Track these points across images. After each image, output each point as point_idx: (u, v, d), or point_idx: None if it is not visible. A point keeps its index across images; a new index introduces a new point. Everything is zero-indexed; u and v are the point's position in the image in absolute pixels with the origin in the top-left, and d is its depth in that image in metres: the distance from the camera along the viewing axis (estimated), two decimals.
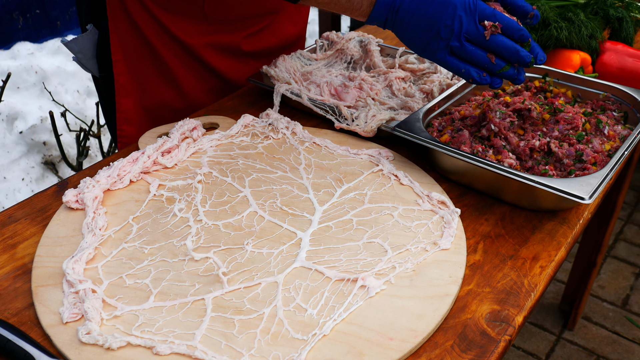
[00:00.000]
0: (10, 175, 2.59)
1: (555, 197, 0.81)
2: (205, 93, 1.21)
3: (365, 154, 0.96)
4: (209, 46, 1.16)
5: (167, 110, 1.19)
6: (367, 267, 0.74)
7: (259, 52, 1.25)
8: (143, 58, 1.14)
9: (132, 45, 1.13)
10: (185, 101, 1.20)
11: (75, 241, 0.78)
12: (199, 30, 1.13)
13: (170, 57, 1.15)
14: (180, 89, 1.18)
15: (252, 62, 1.25)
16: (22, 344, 0.62)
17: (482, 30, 0.84)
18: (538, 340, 2.10)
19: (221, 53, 1.19)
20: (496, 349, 0.66)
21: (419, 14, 0.86)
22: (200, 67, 1.18)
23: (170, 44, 1.14)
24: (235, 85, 1.23)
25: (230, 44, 1.19)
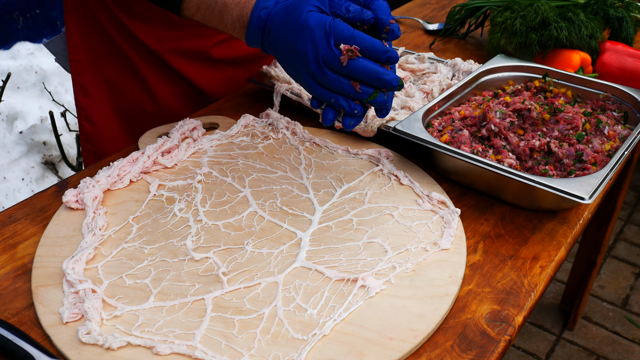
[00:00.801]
0: (10, 175, 2.59)
1: (555, 197, 0.81)
2: (177, 98, 1.17)
3: (365, 154, 0.96)
4: (176, 52, 1.12)
5: (140, 113, 1.17)
6: (367, 267, 0.74)
7: (231, 59, 1.20)
8: (112, 60, 1.12)
9: (100, 47, 1.11)
10: (157, 105, 1.17)
11: (75, 241, 0.78)
12: (166, 36, 1.10)
13: (139, 61, 1.12)
14: (152, 93, 1.15)
15: (226, 68, 1.20)
16: (22, 344, 0.62)
17: (339, 55, 0.73)
18: (538, 340, 2.10)
19: (189, 59, 1.14)
20: (496, 349, 0.66)
21: (285, 38, 0.77)
22: (170, 73, 1.15)
23: (138, 48, 1.11)
24: (208, 92, 1.19)
25: (199, 50, 1.14)
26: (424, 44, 1.43)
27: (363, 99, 0.76)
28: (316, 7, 0.76)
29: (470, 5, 1.41)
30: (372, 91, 0.75)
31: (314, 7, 0.76)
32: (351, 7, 0.77)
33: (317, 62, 0.74)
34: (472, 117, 0.96)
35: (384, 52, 0.74)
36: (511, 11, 1.26)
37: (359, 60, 0.73)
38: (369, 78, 0.74)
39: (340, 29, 0.74)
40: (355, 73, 0.74)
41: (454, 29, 1.44)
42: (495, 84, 1.09)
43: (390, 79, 0.74)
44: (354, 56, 0.73)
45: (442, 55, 1.35)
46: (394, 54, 0.75)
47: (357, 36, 0.74)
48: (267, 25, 0.79)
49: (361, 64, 0.74)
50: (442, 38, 1.45)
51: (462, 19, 1.43)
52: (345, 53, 0.73)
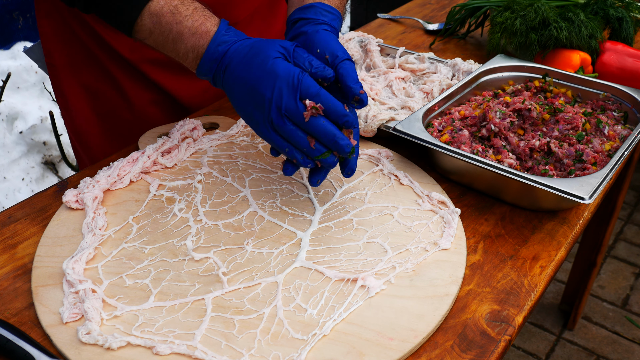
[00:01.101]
0: (10, 175, 2.59)
1: (555, 197, 0.81)
2: (153, 105, 1.14)
3: (365, 154, 0.96)
4: (150, 61, 1.09)
5: (118, 118, 1.14)
6: (367, 267, 0.74)
7: None
8: (88, 67, 1.10)
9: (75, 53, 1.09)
10: (134, 112, 1.13)
11: (75, 241, 0.78)
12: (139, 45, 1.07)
13: (114, 68, 1.09)
14: (128, 99, 1.12)
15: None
16: (22, 344, 0.62)
17: (302, 109, 0.73)
18: (538, 340, 2.10)
19: (164, 68, 1.11)
20: (496, 349, 0.66)
21: (246, 79, 0.75)
22: (145, 80, 1.12)
23: (113, 55, 1.08)
24: (184, 101, 1.15)
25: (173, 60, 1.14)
26: (424, 44, 1.43)
27: (314, 156, 0.76)
28: (281, 54, 0.75)
29: (470, 5, 1.41)
30: (324, 150, 0.76)
31: (280, 53, 0.75)
32: (314, 62, 0.76)
33: (279, 112, 0.74)
34: (472, 117, 0.96)
35: (343, 116, 0.75)
36: (511, 11, 1.26)
37: (320, 118, 0.74)
38: (324, 138, 0.75)
39: (307, 84, 0.74)
40: (314, 130, 0.74)
41: (454, 29, 1.44)
42: (495, 84, 1.09)
43: (344, 144, 0.75)
44: (316, 114, 0.74)
45: (442, 55, 1.35)
46: (352, 120, 0.75)
47: (323, 95, 0.74)
48: (225, 60, 0.77)
49: (321, 124, 0.74)
50: (442, 38, 1.45)
51: (462, 19, 1.43)
52: (309, 109, 0.73)
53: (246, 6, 1.13)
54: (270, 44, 0.76)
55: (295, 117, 0.74)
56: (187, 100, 1.15)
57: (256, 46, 0.76)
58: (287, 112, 0.74)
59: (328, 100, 0.74)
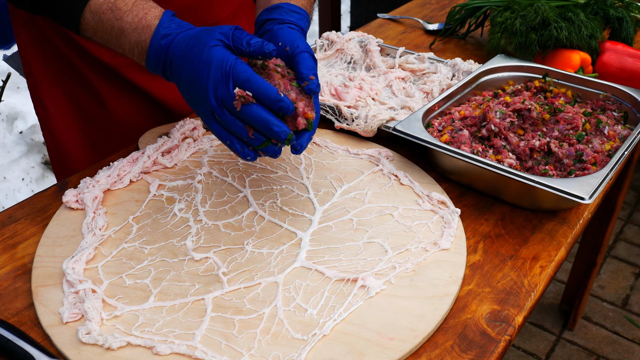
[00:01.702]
0: (10, 175, 2.59)
1: (555, 197, 0.81)
2: (137, 112, 1.11)
3: (365, 154, 0.96)
4: (131, 65, 1.06)
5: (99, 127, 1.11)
6: (367, 267, 0.74)
7: None
8: (66, 76, 1.07)
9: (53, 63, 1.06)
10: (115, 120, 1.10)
11: (75, 241, 0.78)
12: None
13: (94, 76, 1.06)
14: (107, 109, 1.09)
15: None
16: (22, 344, 0.62)
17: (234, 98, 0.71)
18: (538, 340, 2.10)
19: (144, 72, 1.07)
20: (496, 349, 0.66)
21: (188, 71, 0.73)
22: (127, 86, 1.09)
23: (92, 63, 1.05)
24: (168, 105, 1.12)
25: None
26: (424, 44, 1.43)
27: (255, 146, 0.74)
28: (220, 41, 0.73)
29: (470, 5, 1.41)
30: (264, 140, 0.74)
31: (218, 40, 0.73)
32: (252, 41, 0.74)
33: (217, 102, 0.72)
34: (472, 117, 0.96)
35: (277, 102, 0.71)
36: (511, 11, 1.26)
37: (252, 106, 0.71)
38: (259, 126, 0.72)
39: (238, 71, 0.71)
40: (248, 119, 0.72)
41: (454, 29, 1.44)
42: (495, 84, 1.09)
43: (279, 131, 0.72)
44: (247, 102, 0.71)
45: (442, 55, 1.35)
46: (286, 105, 0.71)
47: (253, 81, 0.71)
48: (169, 54, 0.76)
49: (253, 111, 0.71)
50: (442, 38, 1.45)
51: (462, 19, 1.43)
52: (238, 98, 0.71)
53: (227, 5, 1.11)
54: (209, 32, 0.74)
55: (230, 106, 0.72)
56: (172, 104, 1.12)
57: (196, 36, 0.74)
58: (223, 102, 0.72)
59: (259, 86, 0.71)
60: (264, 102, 0.71)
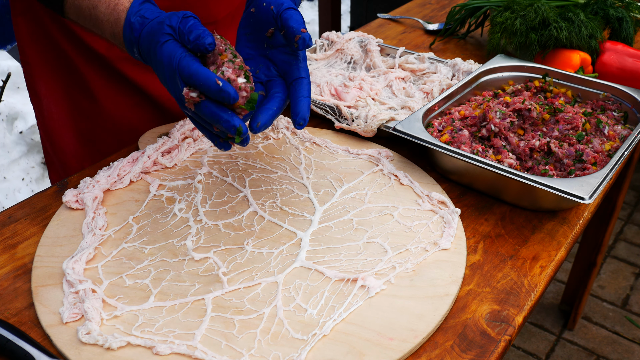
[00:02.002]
0: (10, 175, 2.59)
1: (555, 197, 0.81)
2: (131, 109, 1.09)
3: (365, 154, 0.96)
4: (127, 59, 1.04)
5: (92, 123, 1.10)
6: (367, 267, 0.74)
7: None
8: (60, 68, 1.06)
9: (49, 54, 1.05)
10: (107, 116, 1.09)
11: (75, 241, 0.78)
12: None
13: (88, 70, 1.04)
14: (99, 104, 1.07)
15: None
16: (22, 344, 0.62)
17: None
18: (538, 340, 2.10)
19: (142, 67, 1.06)
20: (496, 349, 0.66)
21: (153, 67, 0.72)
22: (122, 82, 1.07)
23: (87, 56, 1.04)
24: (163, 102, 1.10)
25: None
26: (424, 44, 1.43)
27: (222, 138, 0.72)
28: (169, 35, 0.69)
29: (470, 5, 1.41)
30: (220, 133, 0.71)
31: (168, 35, 0.69)
32: (192, 36, 0.68)
33: (178, 99, 0.70)
34: (472, 117, 0.96)
35: (217, 92, 0.66)
36: (511, 11, 1.26)
37: (202, 104, 0.67)
38: (213, 123, 0.69)
39: (181, 67, 0.67)
40: (203, 117, 0.69)
41: (454, 29, 1.44)
42: (495, 84, 1.09)
43: (228, 127, 0.67)
44: (197, 100, 0.67)
45: (442, 55, 1.35)
46: (226, 93, 0.65)
47: (194, 75, 0.66)
48: (140, 49, 0.73)
49: (203, 109, 0.68)
50: (442, 38, 1.45)
51: (462, 19, 1.43)
52: (188, 98, 0.67)
53: (226, 5, 1.10)
54: (159, 26, 0.70)
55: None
56: (166, 101, 1.10)
57: (150, 32, 0.71)
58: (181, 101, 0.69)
59: (199, 78, 0.66)
60: (209, 96, 0.67)
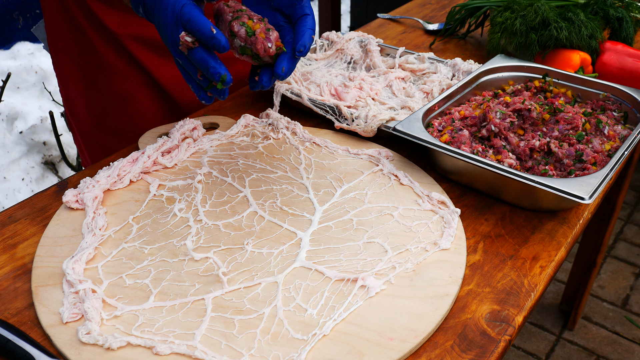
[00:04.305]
0: (10, 175, 2.59)
1: (555, 197, 0.81)
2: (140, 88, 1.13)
3: (365, 154, 0.96)
4: (136, 39, 1.07)
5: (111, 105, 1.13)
6: (367, 267, 0.74)
7: None
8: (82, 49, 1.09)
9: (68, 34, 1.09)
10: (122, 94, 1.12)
11: (75, 241, 0.78)
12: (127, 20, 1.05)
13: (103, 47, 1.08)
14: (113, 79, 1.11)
15: None
16: (22, 344, 0.62)
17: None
18: (538, 340, 2.10)
19: (149, 49, 1.09)
20: (496, 349, 0.66)
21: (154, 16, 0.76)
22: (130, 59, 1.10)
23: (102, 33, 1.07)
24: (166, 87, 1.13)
25: (158, 39, 1.08)
26: (424, 44, 1.43)
27: (205, 87, 0.77)
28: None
29: (470, 5, 1.41)
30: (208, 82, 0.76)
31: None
32: None
33: (173, 46, 0.74)
34: (472, 117, 0.96)
35: (210, 39, 0.72)
36: (511, 11, 1.26)
37: (195, 50, 0.73)
38: (201, 68, 0.74)
39: (182, 12, 0.72)
40: (194, 62, 0.74)
41: (454, 29, 1.44)
42: (495, 84, 1.09)
43: (214, 73, 0.73)
44: (191, 46, 0.72)
45: (442, 55, 1.35)
46: (218, 41, 0.72)
47: (191, 20, 0.71)
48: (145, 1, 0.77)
49: (195, 53, 0.73)
50: (442, 38, 1.45)
51: (462, 19, 1.43)
52: (182, 42, 0.72)
53: None
54: None
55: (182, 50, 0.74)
56: (169, 86, 1.13)
57: None
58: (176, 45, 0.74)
59: (195, 24, 0.72)
60: (201, 41, 0.72)
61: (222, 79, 0.74)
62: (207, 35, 0.72)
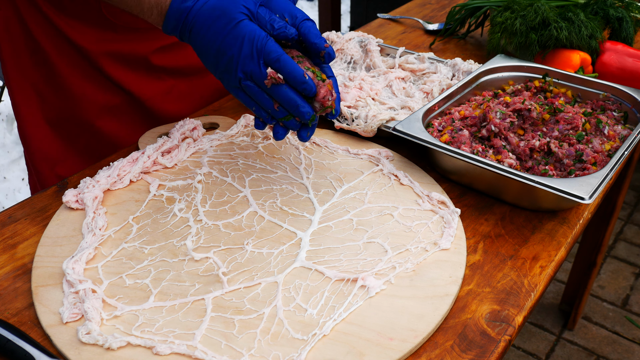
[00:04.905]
0: (10, 175, 2.59)
1: (555, 197, 0.81)
2: (111, 110, 1.08)
3: (365, 154, 0.96)
4: (111, 56, 1.04)
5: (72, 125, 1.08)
6: (367, 267, 0.74)
7: (173, 69, 1.11)
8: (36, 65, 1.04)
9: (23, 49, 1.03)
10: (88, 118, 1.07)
11: (75, 241, 0.78)
12: (102, 37, 1.02)
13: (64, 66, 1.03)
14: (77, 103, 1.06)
15: (166, 78, 1.10)
16: (22, 344, 0.62)
17: (265, 75, 0.76)
18: (538, 340, 2.10)
19: (126, 65, 1.05)
20: (496, 349, 0.66)
21: (210, 41, 0.77)
22: (104, 80, 1.06)
23: (67, 52, 1.02)
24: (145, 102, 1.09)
25: (138, 56, 1.06)
26: (424, 44, 1.43)
27: (278, 118, 0.80)
28: (246, 16, 0.76)
29: (470, 5, 1.41)
30: (287, 114, 0.79)
31: (244, 15, 0.75)
32: (276, 24, 0.77)
33: (245, 75, 0.76)
34: (472, 117, 0.96)
35: (301, 83, 0.76)
36: (511, 11, 1.26)
37: (282, 86, 0.76)
38: (286, 105, 0.77)
39: (269, 49, 0.75)
40: (276, 97, 0.77)
41: (454, 29, 1.44)
42: (495, 84, 1.09)
43: (304, 111, 0.77)
44: (277, 82, 0.76)
45: (442, 55, 1.35)
46: (309, 87, 0.76)
47: (282, 61, 0.75)
48: (189, 20, 0.78)
49: (283, 91, 0.76)
50: (442, 38, 1.45)
51: (462, 19, 1.43)
52: (269, 78, 0.76)
53: None
54: (233, 4, 0.76)
55: (259, 81, 0.76)
56: (149, 101, 1.10)
57: (219, 6, 0.76)
58: (252, 76, 0.76)
59: (287, 67, 0.75)
60: (290, 82, 0.76)
61: (312, 118, 0.78)
62: (299, 80, 0.75)
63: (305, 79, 0.76)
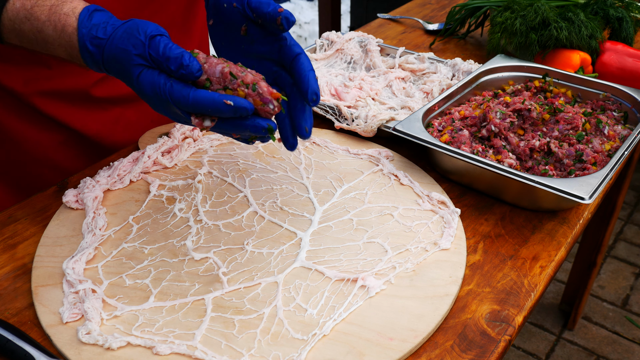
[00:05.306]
0: None
1: (555, 197, 0.81)
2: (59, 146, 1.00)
3: (365, 154, 0.96)
4: (47, 95, 0.95)
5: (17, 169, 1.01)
6: (367, 267, 0.74)
7: (117, 98, 1.02)
8: None
9: None
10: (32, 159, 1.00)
11: (75, 241, 0.78)
12: (34, 76, 0.93)
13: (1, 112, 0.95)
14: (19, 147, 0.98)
15: (111, 108, 1.02)
16: (22, 344, 0.62)
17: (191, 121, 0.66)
18: (538, 340, 2.10)
19: (65, 101, 0.97)
20: (496, 349, 0.66)
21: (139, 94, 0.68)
22: (44, 120, 0.97)
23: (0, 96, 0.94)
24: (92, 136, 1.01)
25: (77, 90, 0.97)
26: (424, 44, 1.43)
27: (249, 139, 0.70)
28: (142, 65, 0.65)
29: (470, 5, 1.41)
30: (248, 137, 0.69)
31: (140, 66, 0.65)
32: (171, 63, 0.64)
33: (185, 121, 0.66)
34: (472, 117, 0.96)
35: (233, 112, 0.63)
36: (511, 11, 1.26)
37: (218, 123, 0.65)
38: (238, 133, 0.67)
39: (177, 98, 0.63)
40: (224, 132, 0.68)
41: (454, 29, 1.44)
42: (495, 84, 1.09)
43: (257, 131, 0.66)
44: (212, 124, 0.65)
45: (442, 55, 1.35)
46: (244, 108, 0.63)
47: (194, 103, 0.63)
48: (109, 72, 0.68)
49: (224, 127, 0.66)
50: (442, 38, 1.45)
51: (462, 19, 1.43)
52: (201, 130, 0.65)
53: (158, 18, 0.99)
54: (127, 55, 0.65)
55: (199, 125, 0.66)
56: (95, 134, 1.02)
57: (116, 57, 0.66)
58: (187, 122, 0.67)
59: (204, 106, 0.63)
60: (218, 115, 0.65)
61: (270, 131, 0.66)
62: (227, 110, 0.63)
63: (232, 106, 0.63)
